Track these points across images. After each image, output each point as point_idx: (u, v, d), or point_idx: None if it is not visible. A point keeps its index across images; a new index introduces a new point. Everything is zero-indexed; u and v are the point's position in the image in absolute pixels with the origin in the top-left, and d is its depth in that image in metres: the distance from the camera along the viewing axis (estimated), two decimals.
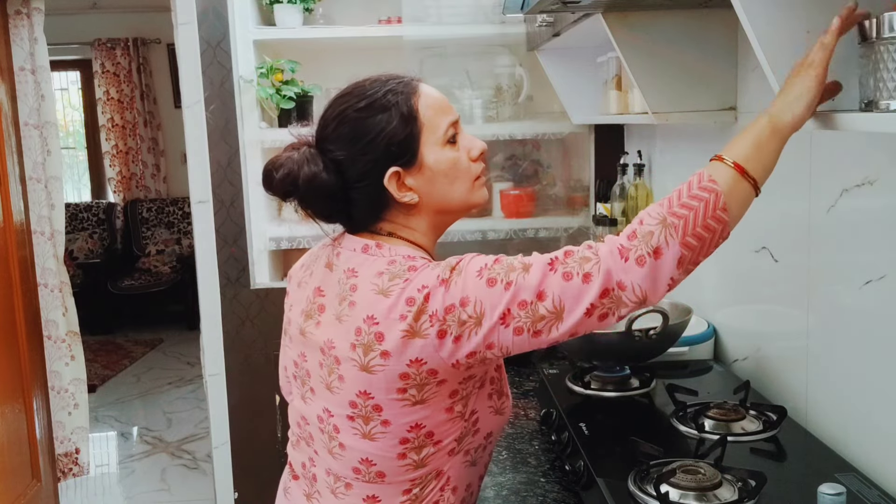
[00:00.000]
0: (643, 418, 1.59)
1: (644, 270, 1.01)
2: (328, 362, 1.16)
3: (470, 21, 2.86)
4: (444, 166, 1.18)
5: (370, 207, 1.17)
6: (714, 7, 1.68)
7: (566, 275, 1.03)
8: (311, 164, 1.13)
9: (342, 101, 1.17)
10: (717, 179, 1.05)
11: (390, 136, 1.13)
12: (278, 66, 2.83)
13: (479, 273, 1.07)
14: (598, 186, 2.59)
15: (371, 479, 1.16)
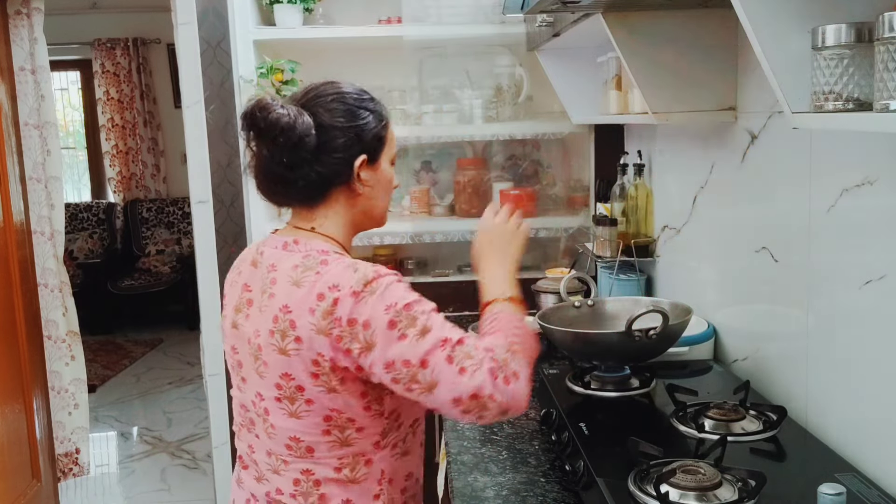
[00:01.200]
0: (643, 418, 1.59)
1: (510, 388, 1.18)
2: (254, 351, 1.27)
3: (470, 21, 2.86)
4: (386, 178, 1.36)
5: (325, 182, 1.29)
6: (714, 7, 1.69)
7: (450, 358, 1.17)
8: (306, 117, 1.25)
9: (338, 87, 1.31)
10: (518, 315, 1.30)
11: (373, 129, 1.31)
12: (278, 66, 2.83)
13: (387, 309, 1.18)
14: (598, 186, 2.59)
15: (302, 454, 1.28)
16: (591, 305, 1.90)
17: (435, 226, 2.91)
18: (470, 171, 2.99)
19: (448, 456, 1.56)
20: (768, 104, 1.61)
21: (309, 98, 1.29)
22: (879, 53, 0.92)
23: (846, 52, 1.00)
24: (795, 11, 1.09)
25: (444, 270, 3.00)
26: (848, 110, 1.01)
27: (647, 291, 2.40)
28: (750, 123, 1.71)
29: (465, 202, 2.99)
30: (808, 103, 1.09)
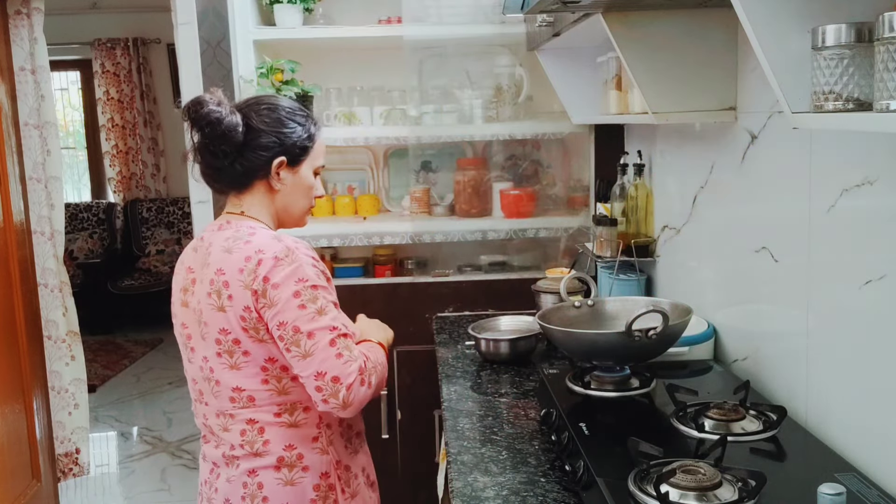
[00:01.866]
0: (643, 418, 1.59)
1: (362, 391, 1.43)
2: (198, 316, 1.48)
3: (470, 21, 2.86)
4: (304, 183, 1.58)
5: (247, 173, 1.52)
6: (714, 7, 1.69)
7: (333, 342, 1.41)
8: (236, 117, 1.49)
9: (274, 99, 1.57)
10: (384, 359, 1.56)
11: (298, 138, 1.54)
12: (278, 66, 2.82)
13: (298, 281, 1.41)
14: (598, 186, 2.59)
15: (245, 404, 1.49)
16: (591, 305, 1.90)
17: (435, 226, 2.91)
18: (470, 171, 2.99)
19: (448, 456, 1.56)
20: (768, 104, 1.61)
21: (248, 104, 1.55)
22: (879, 53, 0.92)
23: (846, 52, 1.00)
24: (795, 11, 1.09)
25: (444, 270, 3.00)
26: (848, 110, 1.01)
27: (647, 291, 2.40)
28: (750, 123, 1.71)
29: (465, 202, 2.99)
30: (808, 103, 1.09)
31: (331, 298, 1.47)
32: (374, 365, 1.47)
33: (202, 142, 1.50)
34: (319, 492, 1.51)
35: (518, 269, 3.01)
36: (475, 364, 2.15)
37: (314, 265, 1.46)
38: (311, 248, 1.50)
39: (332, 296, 1.48)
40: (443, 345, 2.32)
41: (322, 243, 2.86)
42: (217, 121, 1.47)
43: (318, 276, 1.45)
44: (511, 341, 2.13)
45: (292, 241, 1.47)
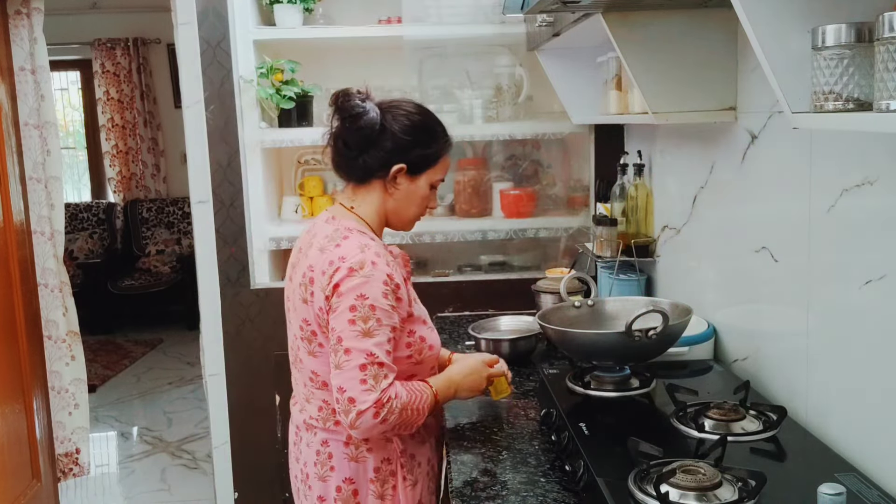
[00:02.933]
0: (643, 418, 1.59)
1: (372, 423, 1.45)
2: (292, 295, 1.60)
3: (470, 21, 2.86)
4: (419, 193, 1.63)
5: (368, 170, 1.59)
6: (714, 7, 1.69)
7: (363, 367, 1.45)
8: (375, 115, 1.56)
9: (416, 108, 1.62)
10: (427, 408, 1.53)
11: (423, 150, 1.60)
12: (278, 66, 2.83)
13: (359, 297, 1.47)
14: (598, 186, 2.59)
15: (319, 387, 1.59)
16: (591, 305, 1.90)
17: (435, 226, 2.91)
18: (470, 171, 2.99)
19: (448, 456, 1.56)
20: (768, 104, 1.61)
21: (391, 105, 1.60)
22: (879, 53, 0.92)
23: (846, 52, 1.00)
24: (795, 11, 1.09)
25: (444, 270, 3.00)
26: (848, 110, 1.01)
27: (647, 291, 2.40)
28: (750, 123, 1.71)
29: (465, 202, 2.99)
30: (808, 103, 1.09)
31: (388, 322, 1.48)
32: (402, 406, 1.47)
33: (339, 130, 1.58)
34: (380, 474, 1.58)
35: (518, 269, 3.01)
36: None
37: (386, 283, 1.48)
38: (394, 263, 1.54)
39: (388, 318, 1.48)
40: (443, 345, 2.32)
41: None
42: (357, 115, 1.54)
43: (386, 296, 1.48)
44: (511, 341, 2.13)
45: (375, 254, 1.50)
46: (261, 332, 2.83)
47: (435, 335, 1.66)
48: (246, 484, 2.89)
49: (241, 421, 2.86)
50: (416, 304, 1.62)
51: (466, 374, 1.65)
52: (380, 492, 1.58)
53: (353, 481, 1.57)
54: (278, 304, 2.86)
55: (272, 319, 2.82)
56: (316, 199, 3.16)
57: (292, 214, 3.11)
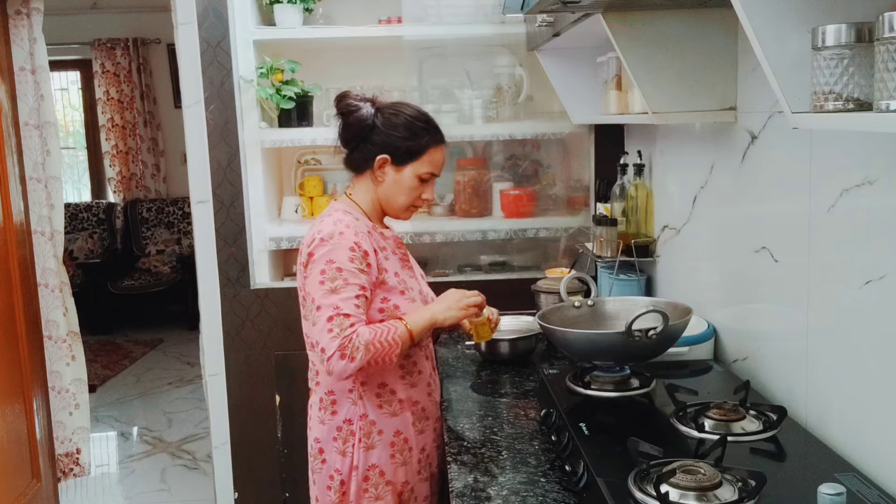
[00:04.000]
0: (643, 418, 1.59)
1: (342, 363, 1.62)
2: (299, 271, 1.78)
3: (470, 21, 2.86)
4: (405, 184, 1.79)
5: (363, 159, 1.79)
6: (714, 7, 1.69)
7: (330, 318, 1.63)
8: (367, 113, 1.76)
9: (405, 108, 1.80)
10: (399, 338, 1.66)
11: (407, 143, 1.77)
12: (278, 66, 2.83)
13: (328, 262, 1.67)
14: (598, 186, 2.59)
15: (310, 348, 1.79)
16: (591, 305, 1.90)
17: (435, 226, 2.91)
18: (470, 171, 2.99)
19: (448, 456, 1.56)
20: (768, 104, 1.61)
21: (385, 106, 1.79)
22: (879, 53, 0.92)
23: (846, 52, 1.00)
24: (795, 11, 1.09)
25: (444, 270, 3.00)
26: (848, 110, 1.01)
27: (647, 291, 2.40)
28: (750, 123, 1.71)
29: (465, 202, 2.99)
30: (808, 103, 1.09)
31: (355, 281, 1.66)
32: (367, 342, 1.62)
33: (340, 128, 1.79)
34: (341, 433, 1.76)
35: (518, 269, 3.01)
36: (475, 364, 2.15)
37: (353, 249, 1.68)
38: (368, 237, 1.73)
39: (354, 278, 1.66)
40: (443, 345, 2.32)
41: None
42: (349, 112, 1.76)
43: (352, 260, 1.67)
44: (511, 341, 2.13)
45: (346, 226, 1.71)
46: (261, 332, 2.83)
47: (414, 307, 1.76)
48: (246, 484, 2.89)
49: (241, 421, 2.86)
50: (392, 277, 1.76)
51: (441, 300, 1.78)
52: (341, 449, 1.76)
53: (319, 441, 1.79)
54: (278, 304, 2.88)
55: (272, 319, 2.82)
56: (316, 199, 3.16)
57: (292, 214, 3.11)
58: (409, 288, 1.79)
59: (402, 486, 1.78)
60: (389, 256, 1.78)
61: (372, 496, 1.75)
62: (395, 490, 1.77)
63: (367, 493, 1.75)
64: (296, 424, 2.81)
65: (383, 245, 1.78)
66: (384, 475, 1.76)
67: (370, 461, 1.75)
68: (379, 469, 1.75)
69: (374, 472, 1.75)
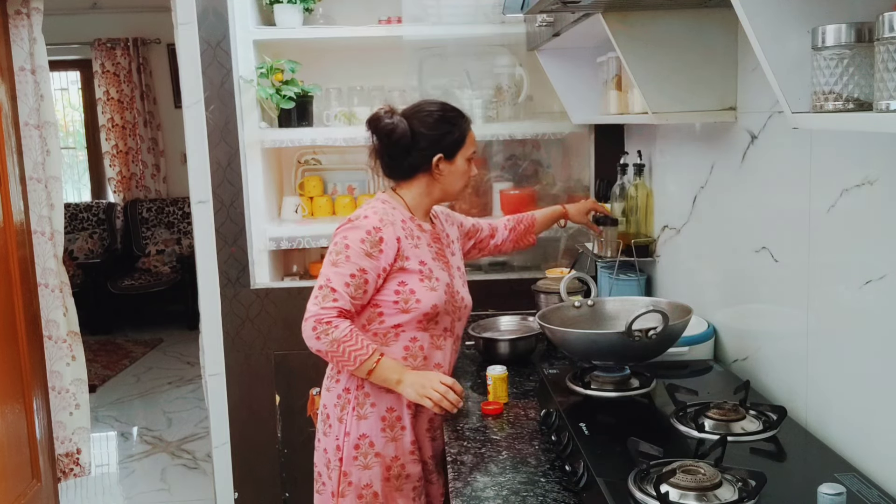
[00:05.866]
0: (643, 418, 1.59)
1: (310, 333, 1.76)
2: None
3: (470, 21, 2.86)
4: (460, 170, 1.91)
5: (413, 168, 1.88)
6: (714, 7, 1.69)
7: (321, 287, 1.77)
8: (405, 125, 1.85)
9: (431, 105, 1.90)
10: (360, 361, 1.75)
11: (451, 136, 1.87)
12: (278, 66, 2.83)
13: (343, 238, 1.80)
14: (598, 186, 2.59)
15: None
16: (591, 305, 1.90)
17: None
18: None
19: (448, 456, 1.56)
20: (768, 104, 1.61)
21: (412, 111, 1.88)
22: (879, 53, 0.92)
23: (846, 52, 1.00)
24: (795, 11, 1.09)
25: None
26: (848, 110, 1.01)
27: (647, 291, 2.40)
28: (750, 123, 1.71)
29: (465, 202, 2.99)
30: (808, 103, 1.09)
31: (357, 261, 1.76)
32: (335, 338, 1.73)
33: (381, 147, 1.87)
34: (340, 401, 1.87)
35: (518, 269, 3.01)
36: (475, 364, 2.15)
37: (369, 232, 1.78)
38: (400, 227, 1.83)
39: (362, 261, 1.77)
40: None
41: (322, 243, 2.86)
42: (391, 131, 1.84)
43: (363, 242, 1.77)
44: (511, 341, 2.13)
45: (374, 211, 1.82)
46: (261, 332, 2.83)
47: (430, 296, 1.83)
48: (246, 484, 2.89)
49: (241, 421, 2.86)
50: (415, 264, 1.83)
51: (417, 374, 1.80)
52: (339, 415, 1.87)
53: (326, 407, 1.91)
54: (278, 304, 2.88)
55: (272, 319, 2.82)
56: (316, 199, 3.16)
57: (292, 214, 3.11)
58: (434, 277, 1.85)
59: (392, 461, 1.85)
60: (420, 245, 1.86)
61: (360, 464, 1.84)
62: (384, 463, 1.84)
63: (357, 460, 1.84)
64: (296, 424, 2.82)
65: (417, 235, 1.87)
66: (374, 446, 1.84)
67: (361, 430, 1.84)
68: (369, 439, 1.84)
69: (363, 442, 1.84)
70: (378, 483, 1.83)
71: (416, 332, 1.85)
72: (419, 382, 1.77)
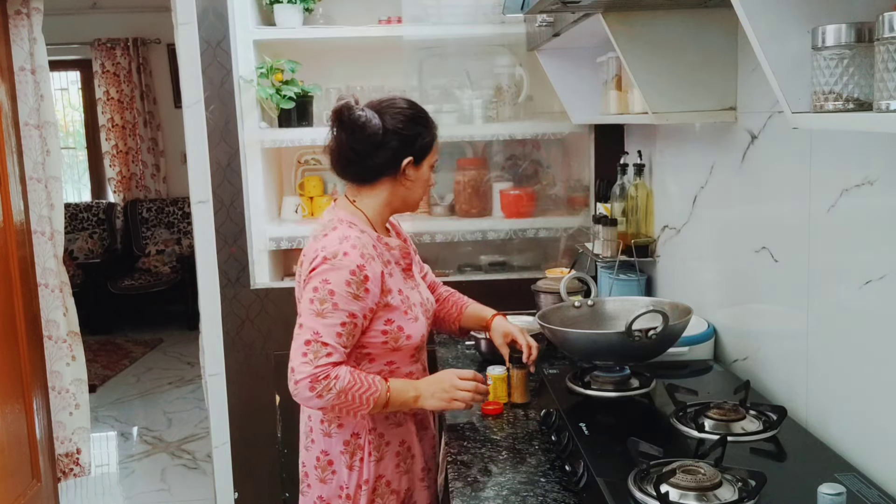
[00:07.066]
0: (643, 418, 1.59)
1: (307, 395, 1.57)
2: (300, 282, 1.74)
3: (470, 21, 2.86)
4: (424, 178, 1.75)
5: (381, 167, 1.69)
6: (714, 7, 1.69)
7: (308, 342, 1.58)
8: (377, 120, 1.66)
9: (404, 103, 1.73)
10: (374, 400, 1.60)
11: (423, 139, 1.71)
12: (278, 66, 2.83)
13: (324, 282, 1.60)
14: (598, 186, 2.59)
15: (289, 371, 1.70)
16: (591, 305, 1.90)
17: (435, 226, 2.91)
18: (470, 171, 2.99)
19: (448, 456, 1.56)
20: (768, 104, 1.61)
21: (382, 106, 1.70)
22: (879, 53, 0.92)
23: (846, 52, 1.00)
24: (795, 11, 1.09)
25: (444, 270, 3.00)
26: (848, 110, 1.01)
27: (647, 291, 2.40)
28: (750, 123, 1.71)
29: (465, 202, 2.99)
30: (808, 103, 1.09)
31: (346, 308, 1.59)
32: (341, 389, 1.57)
33: (346, 140, 1.68)
34: (348, 447, 1.72)
35: (518, 269, 3.01)
36: (475, 364, 2.15)
37: (353, 273, 1.60)
38: (377, 258, 1.66)
39: (345, 305, 1.59)
40: (443, 345, 2.32)
41: None
42: (363, 124, 1.65)
43: (349, 284, 1.59)
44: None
45: (352, 246, 1.62)
46: (261, 332, 2.83)
47: (417, 326, 1.72)
48: (246, 484, 2.89)
49: (241, 421, 2.86)
50: (396, 296, 1.68)
51: (432, 381, 1.69)
52: (349, 462, 1.72)
53: (327, 453, 1.74)
54: (278, 304, 2.88)
55: (272, 319, 2.82)
56: (316, 199, 3.16)
57: (292, 214, 3.11)
58: (411, 305, 1.72)
59: (405, 494, 1.78)
60: (394, 272, 1.71)
61: None
62: (399, 498, 1.77)
63: (374, 502, 1.74)
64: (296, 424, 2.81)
65: (388, 259, 1.71)
66: (390, 485, 1.75)
67: (378, 472, 1.73)
68: (385, 479, 1.74)
69: (381, 483, 1.74)
70: None
71: (410, 367, 1.76)
72: (439, 390, 1.66)
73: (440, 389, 1.66)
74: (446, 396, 1.65)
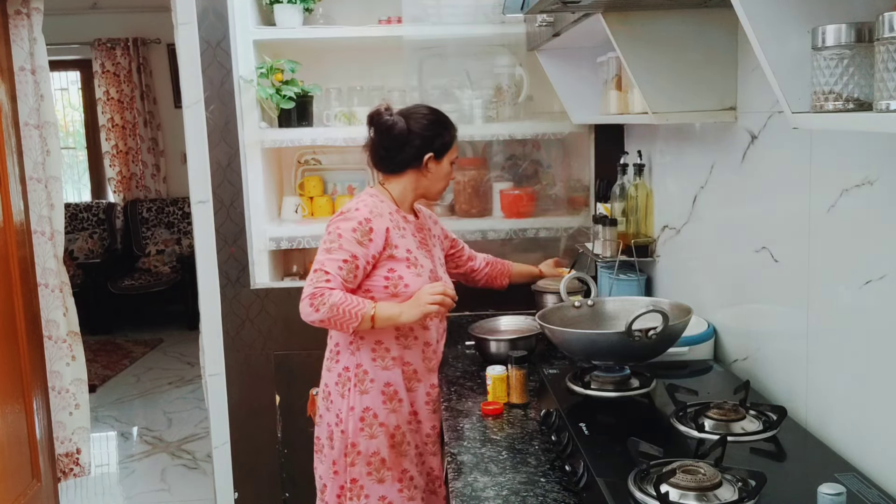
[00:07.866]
0: (643, 418, 1.59)
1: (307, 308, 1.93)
2: None
3: (470, 21, 2.86)
4: (444, 172, 2.14)
5: (406, 161, 2.08)
6: (714, 7, 1.69)
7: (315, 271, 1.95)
8: (402, 123, 2.07)
9: (427, 109, 2.13)
10: (361, 315, 1.92)
11: (443, 139, 2.10)
12: (278, 66, 2.83)
13: (336, 229, 1.99)
14: (598, 186, 2.59)
15: None
16: (591, 305, 1.90)
17: None
18: (470, 171, 2.99)
19: (448, 456, 1.56)
20: (768, 104, 1.61)
21: (410, 112, 2.10)
22: (879, 53, 0.92)
23: (846, 52, 1.00)
24: (795, 11, 1.09)
25: None
26: (848, 110, 1.01)
27: (647, 291, 2.40)
28: (750, 123, 1.71)
29: (465, 202, 2.99)
30: (808, 103, 1.09)
31: (349, 248, 1.95)
32: (332, 303, 1.89)
33: (378, 140, 2.08)
34: (341, 379, 2.06)
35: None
36: (475, 364, 2.15)
37: (360, 223, 1.97)
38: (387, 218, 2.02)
39: (353, 248, 1.95)
40: None
41: None
42: (390, 127, 2.06)
43: (354, 231, 1.96)
44: (511, 341, 2.13)
45: (364, 204, 2.02)
46: (261, 332, 2.83)
47: (419, 280, 2.02)
48: (246, 484, 2.89)
49: (241, 421, 2.86)
50: (403, 252, 2.02)
51: (411, 300, 2.00)
52: (341, 392, 2.06)
53: (327, 386, 2.10)
54: (278, 304, 2.88)
55: (272, 319, 2.82)
56: (316, 199, 3.16)
57: (292, 214, 3.11)
58: (419, 264, 2.05)
59: (395, 430, 2.04)
60: (406, 235, 2.06)
61: (367, 434, 2.02)
62: (388, 432, 2.03)
63: (363, 431, 2.02)
64: (296, 424, 2.81)
65: (402, 226, 2.07)
66: (377, 417, 2.03)
67: (364, 404, 2.03)
68: (373, 411, 2.03)
69: (368, 414, 2.02)
70: (385, 450, 2.02)
71: None
72: (415, 303, 1.97)
73: (415, 304, 1.97)
74: (420, 307, 1.96)
